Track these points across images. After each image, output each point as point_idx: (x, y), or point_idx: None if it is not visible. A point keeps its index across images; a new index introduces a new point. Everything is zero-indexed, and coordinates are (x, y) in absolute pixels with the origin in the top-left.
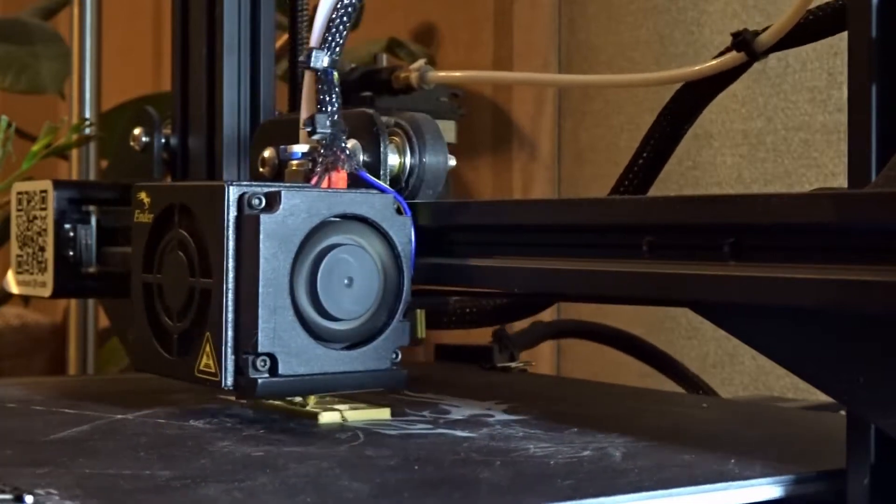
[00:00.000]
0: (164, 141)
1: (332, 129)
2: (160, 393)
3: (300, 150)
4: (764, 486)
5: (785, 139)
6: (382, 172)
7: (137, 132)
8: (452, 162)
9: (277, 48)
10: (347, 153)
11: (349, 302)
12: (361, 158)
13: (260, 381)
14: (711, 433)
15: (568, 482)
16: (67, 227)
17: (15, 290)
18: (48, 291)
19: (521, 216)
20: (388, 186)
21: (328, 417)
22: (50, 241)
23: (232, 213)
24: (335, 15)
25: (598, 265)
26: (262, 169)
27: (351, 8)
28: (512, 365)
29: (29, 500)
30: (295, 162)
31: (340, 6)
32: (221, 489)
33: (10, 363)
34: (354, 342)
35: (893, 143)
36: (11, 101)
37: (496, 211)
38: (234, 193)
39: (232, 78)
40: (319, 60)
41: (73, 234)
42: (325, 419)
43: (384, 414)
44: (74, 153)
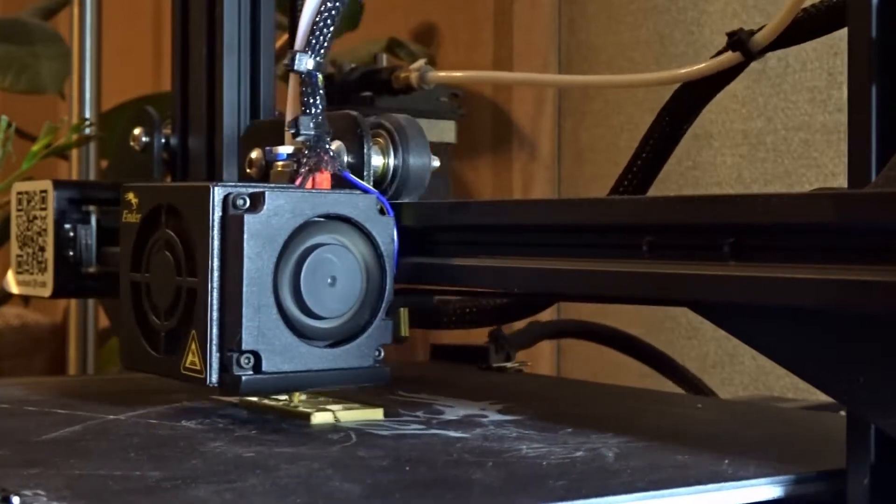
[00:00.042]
0: (164, 141)
1: (315, 130)
2: (154, 393)
3: (285, 151)
4: (764, 486)
5: (785, 139)
6: (366, 173)
7: (137, 132)
8: (436, 163)
9: (277, 48)
10: (331, 154)
11: (332, 300)
12: (346, 159)
13: (244, 378)
14: (709, 433)
15: (560, 483)
16: (67, 227)
17: (15, 290)
18: (48, 291)
19: (521, 216)
20: (371, 187)
21: (321, 418)
22: (50, 241)
23: (217, 213)
24: (319, 18)
25: (597, 265)
26: (249, 170)
27: (335, 11)
28: (508, 365)
29: (16, 500)
30: (280, 163)
31: (324, 9)
32: (212, 490)
33: (9, 363)
34: (338, 340)
35: (893, 143)
36: (11, 101)
37: (496, 211)
38: (218, 194)
39: (232, 78)
40: (303, 63)
41: (73, 234)
42: (317, 420)
43: (377, 414)
44: (74, 153)
